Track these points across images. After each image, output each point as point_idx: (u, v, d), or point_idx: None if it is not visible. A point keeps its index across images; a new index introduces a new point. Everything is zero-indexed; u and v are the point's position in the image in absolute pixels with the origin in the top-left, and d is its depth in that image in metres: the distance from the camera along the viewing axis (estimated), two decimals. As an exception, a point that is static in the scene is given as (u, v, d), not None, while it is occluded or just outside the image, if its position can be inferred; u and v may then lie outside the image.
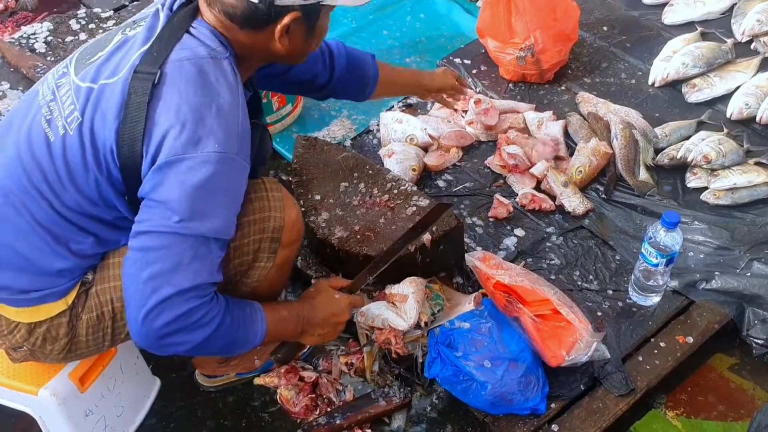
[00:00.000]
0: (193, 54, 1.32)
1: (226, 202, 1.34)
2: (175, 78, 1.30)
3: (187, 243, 1.28)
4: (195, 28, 1.36)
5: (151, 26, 1.37)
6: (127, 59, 1.34)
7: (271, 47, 1.39)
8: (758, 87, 2.44)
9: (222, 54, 1.35)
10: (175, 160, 1.26)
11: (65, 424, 1.63)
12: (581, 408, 1.75)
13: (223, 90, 1.31)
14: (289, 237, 1.55)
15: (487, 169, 2.38)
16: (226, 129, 1.30)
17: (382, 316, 1.82)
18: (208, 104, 1.29)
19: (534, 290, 1.76)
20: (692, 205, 2.19)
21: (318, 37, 1.47)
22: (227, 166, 1.30)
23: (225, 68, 1.34)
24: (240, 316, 1.41)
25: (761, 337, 1.89)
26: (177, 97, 1.29)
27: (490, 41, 2.63)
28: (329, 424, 1.80)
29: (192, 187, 1.27)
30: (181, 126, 1.27)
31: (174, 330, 1.30)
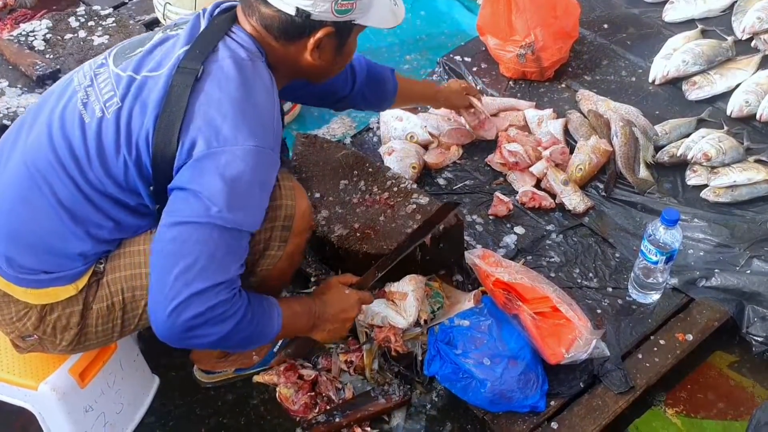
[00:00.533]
0: (234, 54, 1.37)
1: (261, 196, 1.37)
2: (217, 74, 1.34)
3: (223, 236, 1.30)
4: (234, 33, 1.41)
5: (194, 27, 1.42)
6: (171, 55, 1.38)
7: (301, 60, 1.44)
8: (758, 85, 2.44)
9: (259, 57, 1.40)
10: (215, 152, 1.29)
11: (65, 420, 1.62)
12: (581, 406, 1.75)
13: (260, 88, 1.36)
14: (300, 225, 1.56)
15: (487, 166, 2.38)
16: (263, 125, 1.34)
17: (381, 314, 1.82)
18: (247, 99, 1.33)
19: (533, 288, 1.76)
20: (692, 203, 2.19)
21: (346, 55, 1.52)
22: (264, 161, 1.34)
23: (262, 70, 1.39)
24: (259, 311, 1.42)
25: (761, 335, 1.89)
26: (218, 91, 1.32)
27: (490, 39, 2.63)
28: (328, 423, 1.80)
29: (231, 180, 1.29)
30: (221, 119, 1.30)
31: (200, 323, 1.30)
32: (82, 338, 1.51)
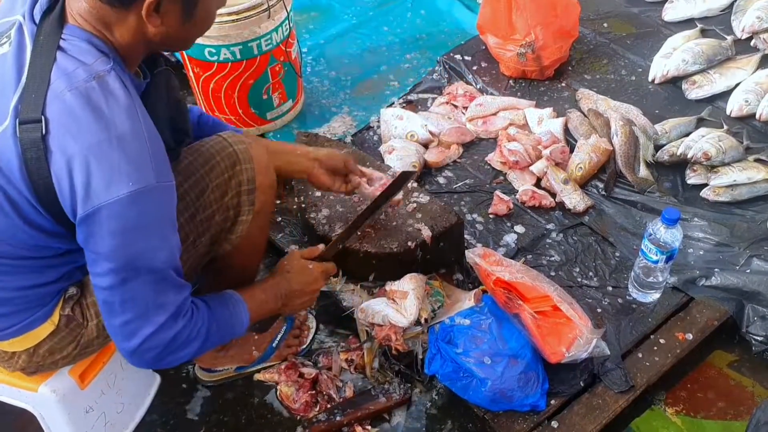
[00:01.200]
0: (74, 81, 1.17)
1: (162, 230, 1.26)
2: (63, 120, 1.16)
3: (141, 288, 1.25)
4: (66, 41, 1.21)
5: (19, 49, 1.22)
6: (5, 104, 1.20)
7: (146, 30, 1.26)
8: (758, 84, 2.44)
9: (104, 68, 1.20)
10: (93, 212, 1.17)
11: (65, 421, 1.62)
12: (581, 404, 1.75)
13: (118, 115, 1.18)
14: (262, 180, 1.54)
15: (487, 165, 2.38)
16: (135, 160, 1.18)
17: (382, 313, 1.82)
18: (107, 140, 1.16)
19: (534, 287, 1.76)
20: (692, 202, 2.19)
21: (200, 23, 1.32)
22: (149, 199, 1.20)
23: (112, 86, 1.19)
24: (223, 315, 1.42)
25: (761, 334, 1.90)
26: (72, 144, 1.16)
27: (490, 37, 2.63)
28: (329, 421, 1.80)
29: (121, 234, 1.19)
30: (86, 174, 1.15)
31: (166, 354, 1.31)
32: (82, 351, 1.52)
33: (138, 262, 1.23)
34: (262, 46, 2.25)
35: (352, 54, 2.86)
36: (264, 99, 2.40)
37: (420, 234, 1.88)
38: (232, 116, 2.41)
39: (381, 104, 2.58)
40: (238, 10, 2.14)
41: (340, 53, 2.87)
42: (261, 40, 2.23)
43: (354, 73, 2.77)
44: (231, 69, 2.27)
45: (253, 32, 2.21)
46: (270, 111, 2.46)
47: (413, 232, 1.89)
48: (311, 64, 2.82)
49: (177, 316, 1.30)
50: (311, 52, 2.86)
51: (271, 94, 2.41)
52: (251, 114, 2.43)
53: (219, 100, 2.37)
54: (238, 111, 2.40)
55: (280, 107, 2.48)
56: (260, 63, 2.29)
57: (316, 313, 2.05)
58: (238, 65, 2.26)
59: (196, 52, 2.25)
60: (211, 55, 2.24)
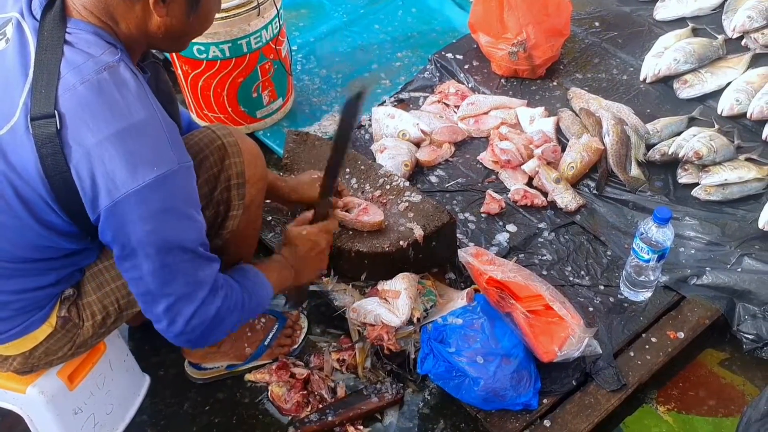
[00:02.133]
0: (85, 74, 1.18)
1: (189, 210, 1.29)
2: (78, 113, 1.16)
3: (178, 268, 1.27)
4: (72, 34, 1.21)
5: (22, 46, 1.21)
6: (11, 101, 1.19)
7: (150, 21, 1.27)
8: (749, 83, 2.45)
9: (113, 59, 1.21)
10: (121, 200, 1.18)
11: (54, 423, 1.61)
12: (573, 403, 1.75)
13: (132, 104, 1.19)
14: (252, 173, 1.54)
15: (479, 164, 2.37)
16: (154, 145, 1.21)
17: (374, 312, 1.81)
18: (125, 129, 1.18)
19: (526, 286, 1.76)
20: (683, 201, 2.20)
21: (202, 19, 1.35)
22: (174, 181, 1.23)
23: (123, 75, 1.21)
24: (251, 286, 1.46)
25: (751, 333, 1.90)
26: (90, 136, 1.16)
27: (482, 36, 2.62)
28: (321, 421, 1.79)
29: (152, 218, 1.21)
30: (109, 164, 1.17)
31: (212, 328, 1.34)
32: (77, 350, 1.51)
33: (172, 243, 1.25)
34: (251, 44, 2.23)
35: (343, 52, 2.85)
36: (254, 97, 2.38)
37: (412, 233, 1.87)
38: (222, 114, 2.39)
39: (372, 103, 2.57)
40: (228, 7, 2.12)
41: (330, 51, 2.85)
42: (250, 37, 2.22)
43: (345, 72, 2.76)
44: (220, 67, 2.25)
45: (243, 30, 2.19)
46: (260, 109, 2.44)
47: (405, 231, 1.88)
48: (301, 62, 2.80)
49: (215, 290, 1.33)
50: (301, 50, 2.85)
51: (261, 92, 2.39)
52: (241, 112, 2.41)
53: (208, 99, 2.35)
54: (227, 109, 2.38)
55: (270, 105, 2.46)
56: (250, 61, 2.27)
57: (308, 313, 2.04)
58: (227, 63, 2.25)
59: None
60: (200, 53, 2.22)
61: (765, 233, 2.07)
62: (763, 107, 2.36)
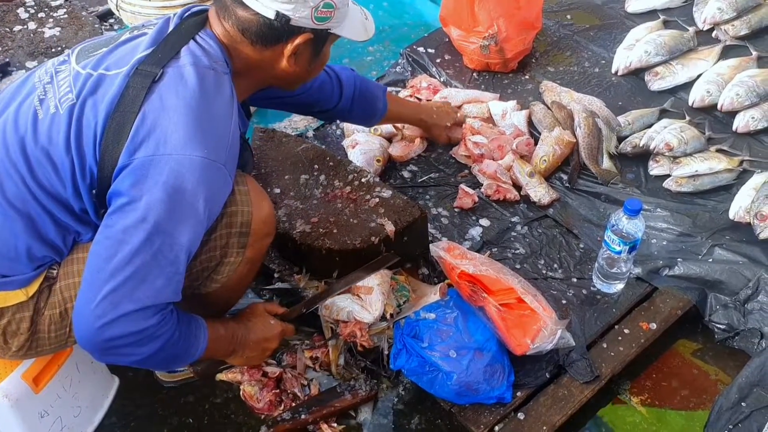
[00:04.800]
0: (197, 61, 1.33)
1: (205, 212, 1.30)
2: (176, 79, 1.30)
3: (157, 251, 1.25)
4: (201, 38, 1.38)
5: (161, 30, 1.39)
6: (131, 56, 1.35)
7: (276, 66, 1.43)
8: (719, 75, 2.46)
9: (223, 69, 1.37)
10: (161, 158, 1.24)
11: (19, 427, 1.57)
12: (547, 396, 1.75)
13: (220, 101, 1.33)
14: (259, 230, 1.53)
15: (452, 159, 2.36)
16: (217, 138, 1.30)
17: (347, 309, 1.80)
18: (204, 110, 1.29)
19: (498, 279, 1.75)
20: (655, 193, 2.20)
21: (320, 64, 1.52)
22: (212, 175, 1.28)
23: (224, 82, 1.35)
24: (186, 332, 1.39)
25: (723, 322, 1.91)
26: (174, 98, 1.28)
27: (453, 30, 2.61)
28: (294, 419, 1.77)
29: (174, 190, 1.24)
30: (173, 125, 1.26)
31: (124, 343, 1.27)
32: (33, 344, 1.47)
33: (170, 226, 1.25)
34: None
35: (315, 47, 2.83)
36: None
37: (383, 229, 1.86)
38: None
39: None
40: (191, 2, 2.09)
41: (302, 46, 2.83)
42: (219, 32, 2.19)
43: (316, 67, 2.73)
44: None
45: (211, 25, 2.16)
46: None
47: (376, 227, 1.87)
48: (273, 57, 2.77)
49: (158, 310, 1.28)
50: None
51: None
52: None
53: (178, 95, 2.32)
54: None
55: (242, 102, 2.43)
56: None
57: (280, 311, 2.02)
58: (196, 59, 2.21)
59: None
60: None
61: (735, 224, 2.08)
62: (733, 98, 2.37)
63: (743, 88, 2.36)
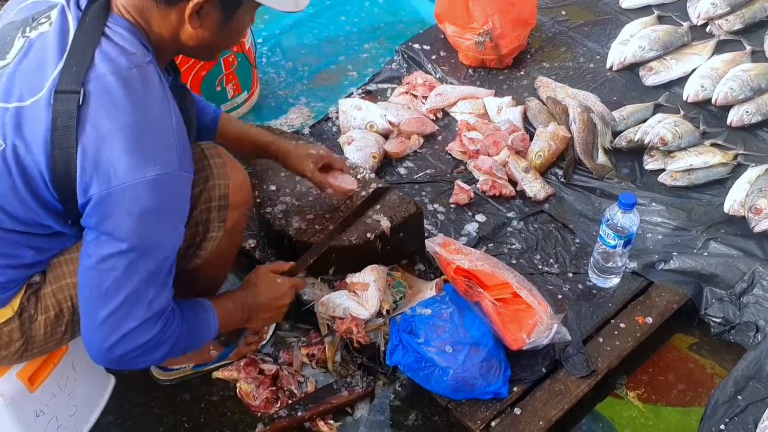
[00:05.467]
0: (116, 66, 1.22)
1: (175, 221, 1.30)
2: (102, 97, 1.21)
3: (140, 274, 1.25)
4: (111, 29, 1.25)
5: (62, 30, 1.26)
6: (42, 76, 1.23)
7: (182, 30, 1.31)
8: (713, 69, 2.47)
9: (144, 59, 1.26)
10: (116, 190, 1.20)
11: (14, 426, 1.56)
12: (543, 391, 1.75)
13: (153, 102, 1.24)
14: (237, 199, 1.52)
15: (448, 155, 2.36)
16: (163, 145, 1.24)
17: (343, 306, 1.79)
18: (142, 123, 1.22)
19: (494, 274, 1.75)
20: (650, 187, 2.21)
21: (234, 33, 1.39)
22: (172, 187, 1.25)
23: (150, 76, 1.25)
24: (194, 321, 1.41)
25: (719, 316, 1.92)
26: (108, 122, 1.20)
27: (448, 26, 2.61)
28: (290, 417, 1.77)
29: (139, 216, 1.22)
30: (117, 153, 1.19)
31: (136, 355, 1.31)
32: (29, 347, 1.47)
33: (149, 247, 1.25)
34: (214, 37, 2.20)
35: (309, 44, 2.83)
36: (217, 91, 2.35)
37: (379, 225, 1.85)
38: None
39: (339, 95, 2.55)
40: (189, -1, 2.08)
41: (296, 43, 2.83)
42: (213, 30, 2.18)
43: (311, 64, 2.74)
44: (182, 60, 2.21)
45: (205, 22, 2.15)
46: (224, 103, 2.41)
47: (372, 223, 1.86)
48: (267, 54, 2.77)
49: (158, 317, 1.30)
50: (267, 43, 2.82)
51: (225, 85, 2.36)
52: (206, 106, 2.37)
53: (172, 93, 2.31)
54: (192, 104, 2.34)
55: (235, 99, 2.43)
56: (213, 54, 2.24)
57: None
58: (189, 56, 2.21)
59: (146, 43, 2.19)
60: (163, 47, 2.18)
61: (730, 217, 2.09)
62: (727, 93, 2.37)
63: (737, 83, 2.37)
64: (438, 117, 2.49)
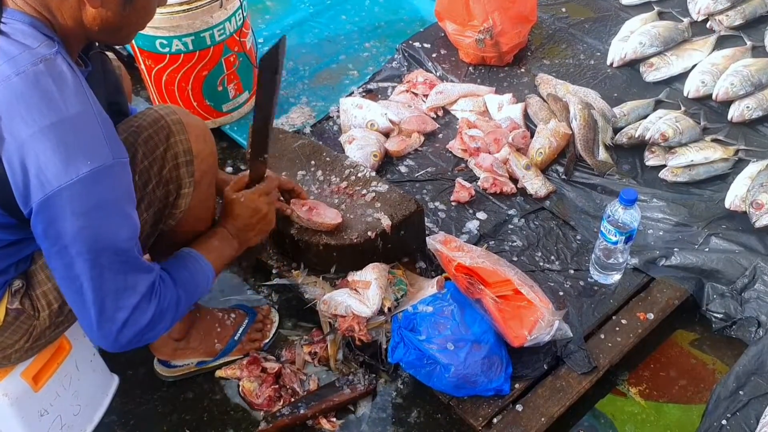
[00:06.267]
0: (20, 66, 1.15)
1: (124, 208, 1.26)
2: (12, 105, 1.14)
3: (108, 269, 1.24)
4: (7, 24, 1.18)
5: None
6: None
7: (84, 14, 1.24)
8: (714, 65, 2.46)
9: (50, 51, 1.18)
10: (53, 194, 1.16)
11: (18, 425, 1.57)
12: (545, 387, 1.75)
13: (68, 97, 1.17)
14: (200, 149, 1.50)
15: (448, 153, 2.36)
16: (89, 140, 1.18)
17: (344, 304, 1.80)
18: (59, 122, 1.15)
19: (495, 271, 1.76)
20: (651, 183, 2.21)
21: (141, 11, 1.30)
22: (108, 177, 1.20)
23: (60, 68, 1.18)
24: (186, 277, 1.42)
25: (720, 312, 1.92)
26: (24, 128, 1.14)
27: (449, 24, 2.61)
28: (293, 414, 1.77)
29: (84, 215, 1.18)
30: (42, 158, 1.14)
31: (143, 334, 1.32)
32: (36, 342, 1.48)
33: (104, 242, 1.22)
34: (215, 37, 2.21)
35: (310, 43, 2.83)
36: (219, 91, 2.35)
37: (380, 223, 1.86)
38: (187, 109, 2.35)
39: (340, 94, 2.55)
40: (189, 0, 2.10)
41: (297, 43, 2.83)
42: (214, 30, 2.19)
43: (312, 63, 2.74)
44: (183, 60, 2.22)
45: (205, 22, 2.16)
46: (225, 103, 2.41)
47: (373, 221, 1.87)
48: (268, 54, 2.77)
49: (149, 296, 1.30)
50: (267, 43, 2.82)
51: (227, 85, 2.36)
52: (206, 107, 2.38)
53: (172, 93, 2.32)
54: (192, 104, 2.35)
55: (236, 99, 2.44)
56: (214, 54, 2.24)
57: (279, 307, 2.02)
58: (190, 56, 2.21)
59: (146, 44, 2.19)
60: (163, 47, 2.18)
61: (731, 213, 2.09)
62: (728, 88, 2.37)
63: (738, 78, 2.37)
64: (438, 115, 2.49)
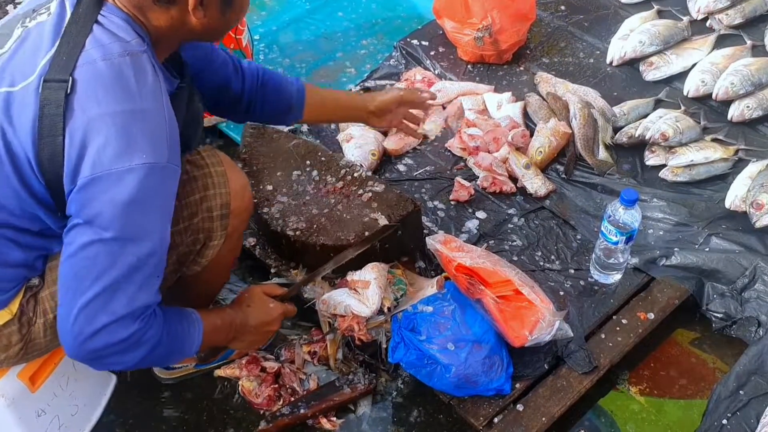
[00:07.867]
0: (108, 53, 1.20)
1: (161, 215, 1.26)
2: (91, 84, 1.19)
3: (120, 265, 1.22)
4: (105, 17, 1.24)
5: (58, 19, 1.25)
6: (33, 63, 1.22)
7: (187, 23, 1.30)
8: (714, 64, 2.46)
9: (139, 48, 1.23)
10: (102, 176, 1.17)
11: (16, 426, 1.56)
12: (546, 387, 1.75)
13: (145, 92, 1.21)
14: (237, 206, 1.50)
15: (447, 152, 2.36)
16: (152, 136, 1.21)
17: (344, 303, 1.79)
18: (130, 111, 1.19)
19: (495, 271, 1.75)
20: (651, 183, 2.20)
21: (237, 9, 1.36)
22: (158, 177, 1.22)
23: (144, 66, 1.23)
24: (176, 330, 1.36)
25: (720, 311, 1.92)
26: (96, 107, 1.18)
27: (447, 22, 2.60)
28: (293, 414, 1.77)
29: (123, 204, 1.18)
30: (104, 139, 1.17)
31: (109, 353, 1.25)
32: (29, 350, 1.46)
33: (130, 238, 1.21)
34: (212, 34, 2.19)
35: (307, 41, 2.81)
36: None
37: (377, 223, 1.85)
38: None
39: (339, 92, 2.53)
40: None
41: (294, 40, 2.81)
42: (211, 27, 2.17)
43: (309, 61, 2.72)
44: (182, 58, 2.20)
45: (203, 19, 2.14)
46: (224, 101, 2.39)
47: (370, 221, 1.86)
48: (264, 51, 2.76)
49: (137, 316, 1.25)
50: (264, 40, 2.80)
51: (225, 83, 2.34)
52: (205, 104, 2.36)
53: (171, 91, 2.30)
54: (191, 101, 2.33)
55: (234, 97, 2.42)
56: (211, 51, 2.22)
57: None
58: (188, 54, 2.20)
59: (145, 41, 2.17)
60: (161, 44, 2.17)
61: (731, 213, 2.09)
62: (728, 87, 2.37)
63: (738, 77, 2.36)
64: (438, 114, 2.48)
